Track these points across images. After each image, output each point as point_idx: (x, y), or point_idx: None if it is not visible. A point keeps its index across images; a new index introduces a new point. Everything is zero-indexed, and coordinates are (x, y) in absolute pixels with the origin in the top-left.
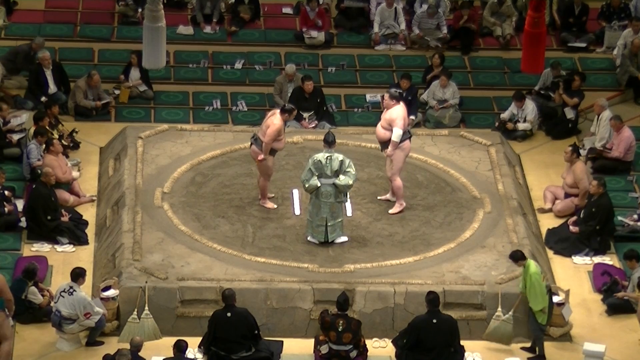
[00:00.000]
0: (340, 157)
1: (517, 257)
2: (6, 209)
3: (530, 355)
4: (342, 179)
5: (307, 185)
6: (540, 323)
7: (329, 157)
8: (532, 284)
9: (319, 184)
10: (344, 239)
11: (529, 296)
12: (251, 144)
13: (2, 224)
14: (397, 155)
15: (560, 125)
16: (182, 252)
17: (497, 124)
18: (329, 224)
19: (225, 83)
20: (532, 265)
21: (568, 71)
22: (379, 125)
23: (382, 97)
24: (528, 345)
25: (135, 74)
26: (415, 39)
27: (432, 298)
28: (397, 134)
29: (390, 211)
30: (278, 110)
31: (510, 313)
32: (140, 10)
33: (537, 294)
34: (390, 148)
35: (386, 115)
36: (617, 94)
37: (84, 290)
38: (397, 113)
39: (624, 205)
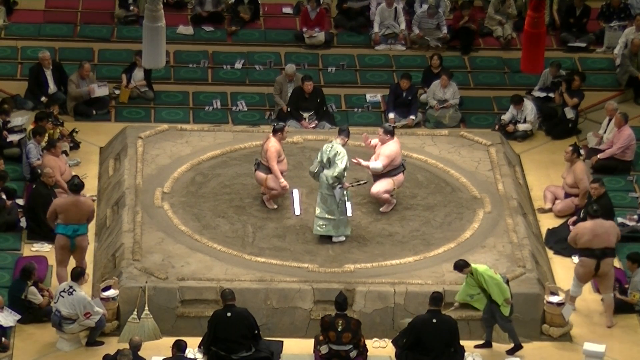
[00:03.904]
0: (339, 148)
1: (461, 266)
2: (6, 201)
3: (517, 358)
4: (327, 170)
5: (309, 170)
6: (505, 316)
7: (330, 145)
8: (487, 282)
9: (314, 170)
10: (341, 238)
11: (492, 294)
12: (255, 170)
13: (2, 223)
14: (388, 183)
15: (560, 125)
16: (182, 252)
17: (497, 126)
18: (317, 213)
19: (225, 83)
20: (478, 266)
21: (568, 71)
22: (372, 158)
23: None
24: (510, 346)
25: (139, 74)
26: (415, 39)
27: (434, 296)
28: (374, 166)
29: (382, 209)
30: (271, 134)
31: None
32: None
33: (494, 288)
34: (363, 163)
35: (378, 149)
36: (617, 94)
37: (84, 290)
38: (389, 150)
39: (624, 205)
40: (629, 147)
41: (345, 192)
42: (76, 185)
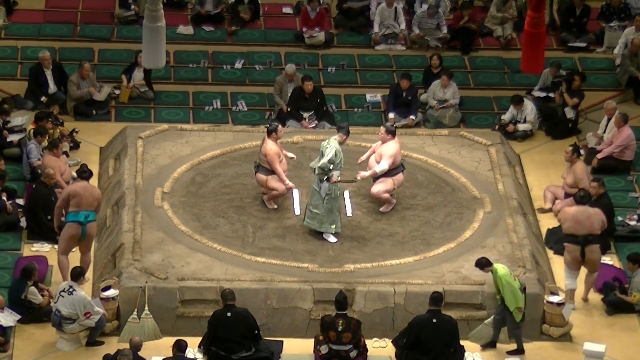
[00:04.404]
0: (332, 143)
1: (482, 264)
2: (4, 198)
3: (517, 358)
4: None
5: (310, 165)
6: (516, 322)
7: (327, 141)
8: (503, 286)
9: (314, 166)
10: (329, 238)
11: (505, 298)
12: (255, 172)
13: (2, 224)
14: (388, 183)
15: (560, 125)
16: (182, 252)
17: (497, 126)
18: (309, 206)
19: (225, 83)
20: (499, 268)
21: (568, 71)
22: (372, 158)
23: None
24: (512, 347)
25: (138, 74)
26: (415, 39)
27: (434, 296)
28: (381, 167)
29: (382, 209)
30: (266, 135)
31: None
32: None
33: (509, 294)
34: (368, 173)
35: (379, 149)
36: (617, 94)
37: (84, 290)
38: (390, 149)
39: (624, 205)
40: (628, 147)
41: (332, 187)
42: (85, 172)
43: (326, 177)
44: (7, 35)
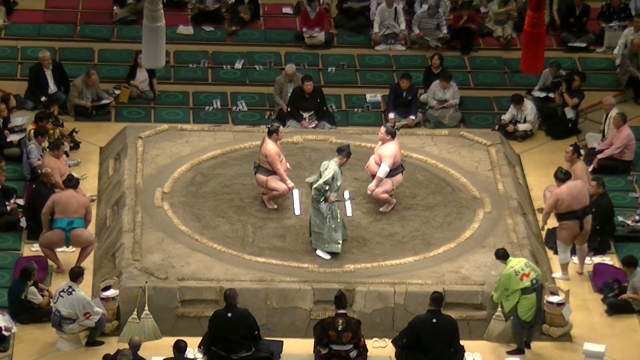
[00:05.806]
0: (331, 165)
1: (499, 254)
2: (8, 208)
3: (517, 357)
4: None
5: (306, 181)
6: (521, 319)
7: (328, 163)
8: (497, 282)
9: (310, 181)
10: (323, 255)
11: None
12: (255, 173)
13: (2, 224)
14: (387, 183)
15: (560, 125)
16: (182, 252)
17: (497, 126)
18: (312, 228)
19: (225, 83)
20: (507, 266)
21: (568, 71)
22: (371, 159)
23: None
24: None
25: (141, 75)
26: (415, 39)
27: (435, 297)
28: (383, 170)
29: (382, 209)
30: (266, 136)
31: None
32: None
33: (499, 291)
34: (373, 183)
35: (379, 150)
36: (617, 94)
37: (84, 290)
38: (389, 150)
39: (624, 205)
40: (628, 147)
41: (331, 207)
42: (71, 181)
43: (323, 198)
44: (7, 35)
